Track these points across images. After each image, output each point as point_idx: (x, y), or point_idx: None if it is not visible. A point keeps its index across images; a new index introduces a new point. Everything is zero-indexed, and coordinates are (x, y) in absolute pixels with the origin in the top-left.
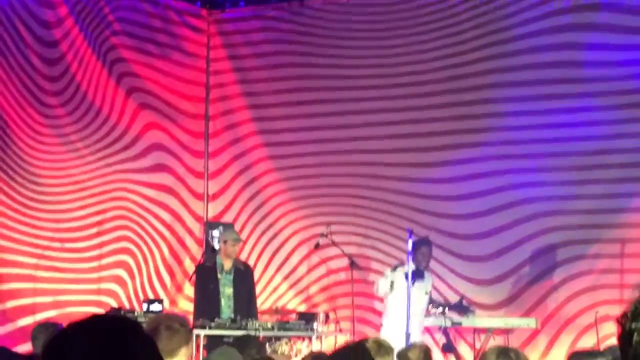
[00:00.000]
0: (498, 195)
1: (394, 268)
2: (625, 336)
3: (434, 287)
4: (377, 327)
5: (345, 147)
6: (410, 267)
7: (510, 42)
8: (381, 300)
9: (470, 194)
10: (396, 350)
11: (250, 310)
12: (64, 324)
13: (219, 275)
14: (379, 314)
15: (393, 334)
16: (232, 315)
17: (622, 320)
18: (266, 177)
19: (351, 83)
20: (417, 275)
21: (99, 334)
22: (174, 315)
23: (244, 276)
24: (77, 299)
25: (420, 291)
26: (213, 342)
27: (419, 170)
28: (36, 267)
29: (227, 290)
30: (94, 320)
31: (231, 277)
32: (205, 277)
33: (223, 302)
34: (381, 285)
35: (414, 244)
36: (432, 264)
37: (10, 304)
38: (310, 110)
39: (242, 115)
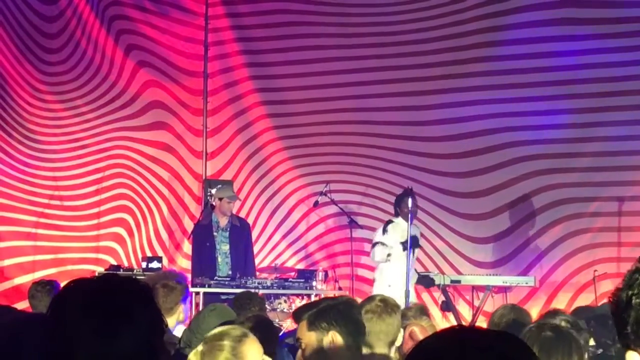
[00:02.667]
0: (497, 153)
1: (384, 230)
2: (622, 304)
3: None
4: None
5: (345, 105)
6: (408, 227)
7: None
8: None
9: (469, 152)
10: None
11: (248, 266)
12: (61, 282)
13: (215, 233)
14: None
15: (387, 290)
16: (230, 272)
17: (617, 293)
18: (266, 135)
19: (350, 41)
20: (414, 241)
21: (95, 291)
22: (171, 273)
23: (240, 232)
24: (76, 256)
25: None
26: (211, 300)
27: (417, 128)
28: (36, 225)
29: (223, 247)
30: (97, 278)
31: (227, 234)
32: (202, 235)
33: (220, 259)
34: (377, 254)
35: (402, 197)
36: (432, 221)
37: (10, 261)
38: (309, 69)
39: (241, 73)
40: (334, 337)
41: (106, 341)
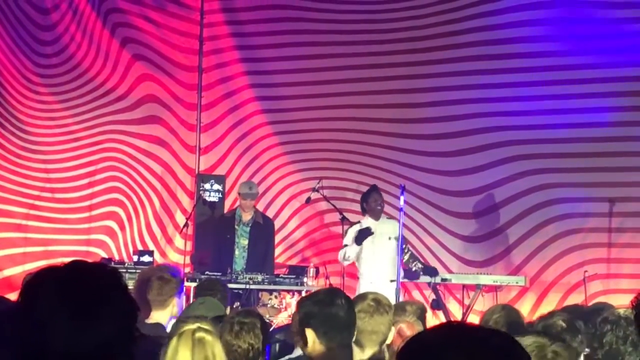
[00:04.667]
0: (489, 152)
1: (346, 233)
2: None
3: (410, 243)
4: None
5: (338, 102)
6: (367, 223)
7: None
8: None
9: (462, 151)
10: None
11: (266, 264)
12: None
13: (236, 227)
14: None
15: (371, 288)
16: (245, 267)
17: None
18: (259, 131)
19: (344, 38)
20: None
21: (67, 278)
22: (166, 267)
23: (261, 230)
24: (67, 249)
25: (383, 237)
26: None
27: (410, 126)
28: (26, 216)
29: (242, 242)
30: (68, 265)
31: (248, 229)
32: (223, 227)
33: (237, 252)
34: (350, 255)
35: (366, 195)
36: (423, 219)
37: (0, 253)
38: (304, 65)
39: (235, 69)
40: (309, 335)
41: (84, 328)
